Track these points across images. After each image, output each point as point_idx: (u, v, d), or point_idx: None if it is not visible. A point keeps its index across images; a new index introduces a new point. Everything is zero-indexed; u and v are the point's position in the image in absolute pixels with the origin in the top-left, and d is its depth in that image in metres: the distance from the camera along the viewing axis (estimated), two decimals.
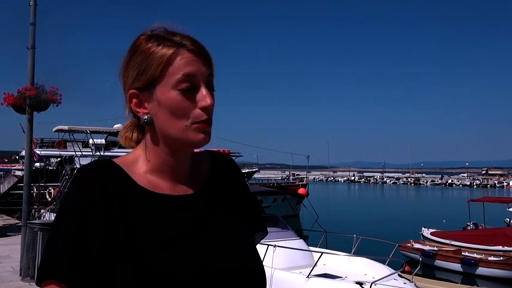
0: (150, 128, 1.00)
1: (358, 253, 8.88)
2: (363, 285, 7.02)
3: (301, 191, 26.73)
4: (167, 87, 0.95)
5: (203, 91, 0.96)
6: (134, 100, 0.99)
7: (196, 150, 1.10)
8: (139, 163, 1.01)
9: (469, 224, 18.92)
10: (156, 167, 1.00)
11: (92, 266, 0.89)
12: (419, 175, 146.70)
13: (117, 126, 25.41)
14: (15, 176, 28.76)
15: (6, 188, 28.80)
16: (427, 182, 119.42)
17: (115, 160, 1.01)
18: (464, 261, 14.43)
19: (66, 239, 0.89)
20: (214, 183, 1.07)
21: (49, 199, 19.40)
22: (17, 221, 15.35)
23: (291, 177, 47.79)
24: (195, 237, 0.96)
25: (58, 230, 0.91)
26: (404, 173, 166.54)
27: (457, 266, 14.56)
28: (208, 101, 0.95)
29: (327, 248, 9.36)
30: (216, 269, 0.94)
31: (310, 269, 7.58)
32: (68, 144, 27.90)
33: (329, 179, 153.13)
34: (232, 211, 1.06)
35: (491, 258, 14.47)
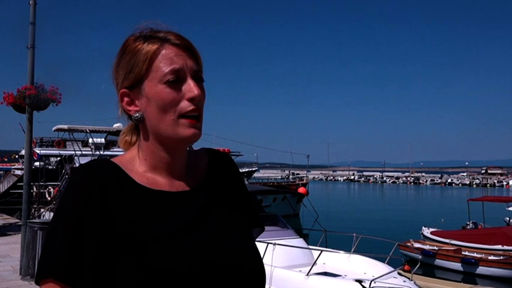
0: (143, 126, 1.01)
1: (358, 252, 8.88)
2: (363, 283, 7.02)
3: (301, 190, 26.66)
4: (154, 81, 0.96)
5: (190, 83, 0.97)
6: (125, 99, 1.00)
7: (195, 148, 1.10)
8: (136, 162, 1.02)
9: (468, 223, 18.94)
10: (153, 165, 1.01)
11: (89, 264, 0.89)
12: (419, 174, 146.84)
13: (116, 125, 25.36)
14: (15, 175, 28.77)
15: (6, 187, 28.82)
16: (426, 182, 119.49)
17: (113, 159, 1.02)
18: (465, 261, 14.45)
19: (64, 238, 0.90)
20: (211, 180, 1.08)
21: (49, 198, 19.37)
22: (17, 220, 15.34)
23: (290, 177, 47.84)
24: (193, 233, 0.97)
25: (55, 229, 0.92)
26: (404, 172, 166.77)
27: (457, 265, 14.58)
28: (195, 91, 0.96)
29: (326, 247, 9.36)
30: (215, 264, 0.94)
31: (310, 267, 7.58)
32: (67, 143, 27.87)
33: (329, 178, 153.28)
34: (230, 208, 1.06)
35: (491, 257, 14.48)
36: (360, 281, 7.11)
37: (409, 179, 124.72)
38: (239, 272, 0.97)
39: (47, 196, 19.87)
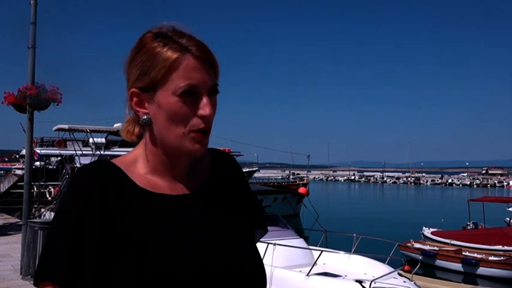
0: (150, 128, 1.00)
1: (358, 252, 8.89)
2: (363, 284, 7.03)
3: (301, 190, 26.64)
4: (168, 92, 0.94)
5: (204, 100, 0.95)
6: (135, 99, 0.99)
7: None
8: (139, 163, 1.02)
9: (468, 223, 18.93)
10: (155, 167, 1.01)
11: (89, 266, 0.89)
12: (419, 175, 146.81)
13: (117, 125, 25.41)
14: (16, 175, 28.81)
15: (7, 187, 28.84)
16: (427, 182, 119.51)
17: (114, 161, 1.01)
18: (465, 261, 14.44)
19: (63, 240, 0.90)
20: (214, 182, 1.07)
21: (49, 198, 19.39)
22: (18, 220, 15.35)
23: (291, 177, 47.82)
24: (194, 235, 0.96)
25: (55, 232, 0.92)
26: (404, 172, 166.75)
27: (457, 266, 14.57)
28: (207, 110, 0.95)
29: (327, 247, 9.36)
30: (216, 267, 0.94)
31: (310, 267, 7.59)
32: (68, 143, 27.86)
33: (329, 178, 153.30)
34: (232, 209, 1.06)
35: (492, 258, 14.47)
36: (360, 282, 7.12)
37: (409, 179, 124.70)
38: (239, 273, 0.96)
39: (47, 196, 19.89)
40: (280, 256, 7.84)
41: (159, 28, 0.98)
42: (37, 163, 22.96)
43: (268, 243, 7.83)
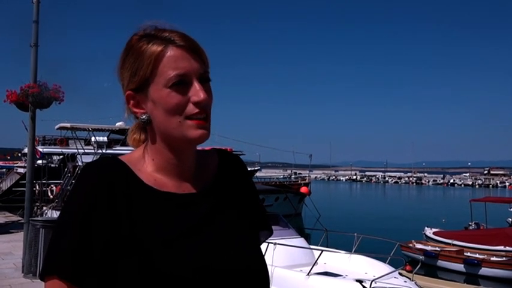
0: (150, 127, 1.00)
1: (359, 252, 8.88)
2: (363, 283, 7.02)
3: (303, 189, 26.61)
4: (159, 85, 0.95)
5: (196, 86, 0.95)
6: (131, 101, 1.00)
7: (201, 147, 1.10)
8: (145, 161, 1.01)
9: (470, 223, 18.88)
10: (161, 165, 1.00)
11: (95, 264, 0.89)
12: (421, 174, 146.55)
13: (119, 124, 25.41)
14: (18, 173, 28.86)
15: (9, 185, 28.88)
16: (429, 182, 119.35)
17: (121, 158, 1.01)
18: (467, 262, 14.39)
19: (71, 236, 0.90)
20: (220, 182, 1.07)
21: (51, 196, 19.42)
22: (19, 218, 15.38)
23: (292, 176, 47.75)
24: (199, 235, 0.96)
25: (63, 228, 0.92)
26: (406, 172, 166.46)
27: (459, 266, 14.52)
28: (201, 95, 0.94)
29: (328, 247, 9.35)
30: (219, 268, 0.94)
31: (311, 267, 7.58)
32: (70, 141, 27.89)
33: (331, 178, 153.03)
34: (238, 210, 1.06)
35: (494, 258, 14.43)
36: (360, 281, 7.11)
37: (411, 179, 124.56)
38: (243, 276, 0.96)
39: (49, 194, 19.94)
40: (280, 255, 7.82)
41: (143, 30, 0.99)
42: (39, 161, 22.97)
43: (268, 243, 7.82)
